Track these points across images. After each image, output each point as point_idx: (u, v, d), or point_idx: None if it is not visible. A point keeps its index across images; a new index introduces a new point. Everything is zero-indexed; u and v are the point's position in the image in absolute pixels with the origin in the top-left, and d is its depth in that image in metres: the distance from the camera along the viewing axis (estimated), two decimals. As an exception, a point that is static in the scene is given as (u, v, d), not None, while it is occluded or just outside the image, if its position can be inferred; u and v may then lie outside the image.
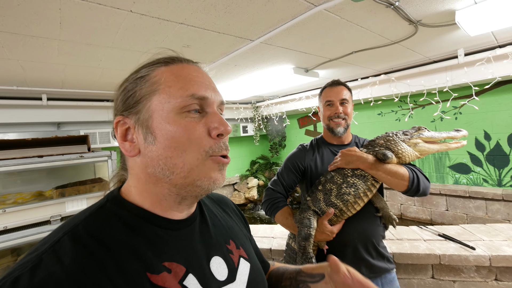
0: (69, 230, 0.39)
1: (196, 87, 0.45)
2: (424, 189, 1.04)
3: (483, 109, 2.79)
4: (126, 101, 0.46)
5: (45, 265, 0.34)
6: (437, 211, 3.12)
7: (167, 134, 0.43)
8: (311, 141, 1.32)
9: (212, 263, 0.47)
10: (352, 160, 1.07)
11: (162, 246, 0.43)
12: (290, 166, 1.25)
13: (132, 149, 0.45)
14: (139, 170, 0.46)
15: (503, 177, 2.79)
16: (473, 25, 1.55)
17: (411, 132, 1.11)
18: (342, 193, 1.06)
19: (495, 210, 2.69)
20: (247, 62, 2.24)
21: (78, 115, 3.25)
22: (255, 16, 1.39)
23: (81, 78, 2.37)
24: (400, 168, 1.03)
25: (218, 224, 0.56)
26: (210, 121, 0.45)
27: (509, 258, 1.38)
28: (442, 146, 1.08)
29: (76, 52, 1.69)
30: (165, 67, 0.47)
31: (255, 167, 5.32)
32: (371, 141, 1.15)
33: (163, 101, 0.44)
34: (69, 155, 2.69)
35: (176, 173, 0.43)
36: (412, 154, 1.06)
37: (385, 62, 2.62)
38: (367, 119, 3.83)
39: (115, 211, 0.44)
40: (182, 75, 0.46)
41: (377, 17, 1.50)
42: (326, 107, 1.23)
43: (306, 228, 1.07)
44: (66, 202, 2.70)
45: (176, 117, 0.43)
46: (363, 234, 1.12)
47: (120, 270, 0.37)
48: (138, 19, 1.31)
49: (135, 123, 0.45)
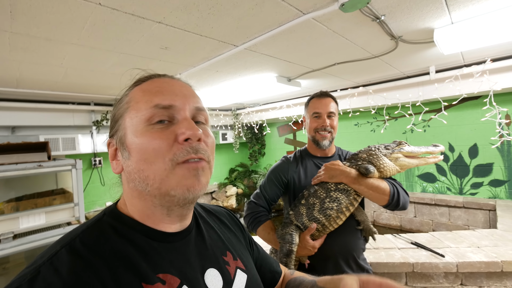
0: (66, 243, 0.40)
1: (161, 97, 0.46)
2: (404, 203, 1.07)
3: (449, 123, 2.99)
4: (111, 124, 0.50)
5: (43, 277, 0.35)
6: (406, 218, 3.26)
7: (136, 147, 0.44)
8: (294, 153, 1.30)
9: (206, 275, 0.48)
10: (336, 174, 1.07)
11: (156, 258, 0.43)
12: (273, 178, 1.23)
13: (117, 166, 0.48)
14: (126, 185, 0.48)
15: (464, 186, 2.99)
16: (448, 44, 1.64)
17: (392, 146, 1.13)
18: (325, 208, 1.06)
19: (457, 217, 2.87)
20: (230, 69, 2.16)
21: (37, 119, 2.91)
22: (240, 20, 1.32)
23: (41, 78, 2.10)
24: (381, 183, 1.05)
25: (214, 236, 0.57)
26: (178, 127, 0.45)
27: (474, 264, 1.46)
28: (421, 160, 1.10)
29: (33, 47, 1.47)
30: (137, 86, 0.49)
31: (234, 175, 5.19)
32: (354, 154, 1.16)
33: (132, 116, 0.46)
34: (25, 164, 2.37)
35: (150, 184, 0.43)
36: (393, 168, 1.08)
37: (364, 75, 2.70)
38: (345, 129, 3.93)
39: (111, 224, 0.45)
40: (148, 89, 0.47)
41: (362, 30, 1.51)
42: (313, 119, 1.21)
43: (288, 244, 1.06)
44: (20, 217, 2.35)
45: (143, 130, 0.44)
46: (345, 248, 1.12)
47: (116, 280, 0.38)
48: (108, 14, 1.17)
49: (116, 142, 0.48)
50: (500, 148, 2.76)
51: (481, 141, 2.86)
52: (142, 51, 1.65)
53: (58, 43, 1.44)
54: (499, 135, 2.47)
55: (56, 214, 2.56)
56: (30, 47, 1.46)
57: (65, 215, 2.61)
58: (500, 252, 1.54)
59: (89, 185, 3.45)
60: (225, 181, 5.17)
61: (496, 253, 1.53)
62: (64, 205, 2.58)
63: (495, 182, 2.80)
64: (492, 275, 1.50)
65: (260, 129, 5.07)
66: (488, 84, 2.32)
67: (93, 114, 3.32)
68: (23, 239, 2.30)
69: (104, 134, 3.47)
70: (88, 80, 2.28)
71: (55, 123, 3.03)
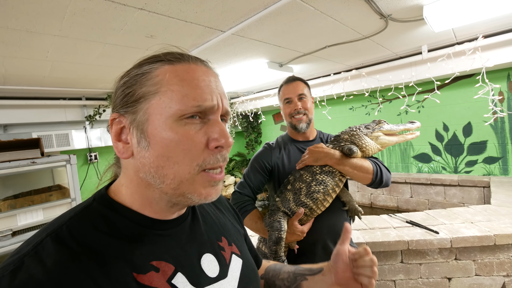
0: (52, 231, 0.38)
1: (202, 96, 0.41)
2: (386, 180, 1.09)
3: (442, 103, 2.99)
4: (124, 98, 0.43)
5: (26, 267, 0.33)
6: (403, 198, 3.31)
7: (162, 142, 0.40)
8: (276, 138, 1.29)
9: (203, 260, 0.47)
10: (320, 156, 1.07)
11: (150, 245, 0.42)
12: (256, 166, 1.20)
13: (125, 150, 0.43)
14: (132, 172, 0.44)
15: (459, 165, 3.04)
16: (438, 20, 1.62)
17: (372, 125, 1.14)
18: (312, 191, 1.06)
19: (452, 195, 2.93)
20: (219, 56, 2.12)
21: (28, 116, 2.87)
22: (225, 4, 1.29)
23: (27, 73, 2.06)
24: (364, 162, 1.07)
25: (210, 221, 0.56)
26: (211, 131, 0.42)
27: (467, 239, 1.51)
28: (400, 138, 1.14)
29: (14, 41, 1.44)
30: (169, 65, 0.42)
31: (231, 164, 5.22)
32: (336, 136, 1.16)
33: (163, 105, 0.40)
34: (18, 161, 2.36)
35: (166, 183, 0.41)
36: (374, 147, 1.10)
37: (356, 58, 2.67)
38: (340, 114, 3.93)
39: (101, 211, 0.42)
40: (186, 79, 0.41)
41: (350, 9, 1.48)
42: (285, 105, 1.21)
43: (277, 232, 1.05)
44: (18, 214, 2.37)
45: (174, 124, 0.40)
46: (333, 229, 1.13)
47: (105, 271, 0.36)
48: (87, 2, 1.13)
49: (130, 123, 0.42)
50: (493, 125, 2.78)
51: (474, 119, 2.88)
52: (128, 41, 1.61)
53: (39, 35, 1.40)
54: (492, 111, 2.48)
55: (53, 210, 2.59)
56: (11, 40, 1.42)
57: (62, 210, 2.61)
58: (493, 226, 1.59)
59: (86, 180, 3.46)
60: (223, 171, 5.21)
61: (489, 227, 1.57)
62: (61, 201, 2.61)
63: (489, 159, 2.84)
64: (485, 249, 1.54)
65: (256, 118, 5.06)
66: (480, 61, 2.31)
67: (85, 109, 3.29)
68: (22, 236, 2.33)
69: (98, 129, 3.45)
70: (76, 74, 2.24)
71: (47, 119, 3.01)
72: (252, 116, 4.90)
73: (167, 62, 0.43)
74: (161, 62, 0.43)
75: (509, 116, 2.68)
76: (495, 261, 1.55)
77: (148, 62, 0.43)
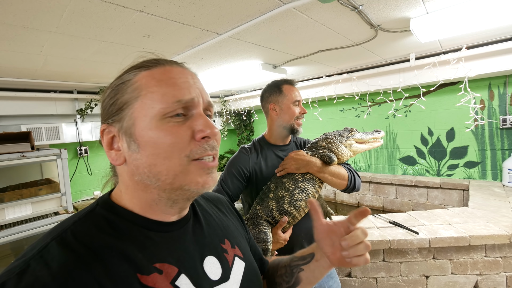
0: (57, 235, 0.39)
1: (181, 92, 0.43)
2: (358, 185, 1.14)
3: (427, 108, 3.11)
4: (109, 109, 0.45)
5: (32, 270, 0.34)
6: (388, 199, 3.41)
7: (150, 141, 0.42)
8: (252, 142, 1.26)
9: (205, 262, 0.47)
10: (303, 164, 1.08)
11: (153, 248, 0.43)
12: (234, 172, 1.14)
13: (118, 157, 0.45)
14: (127, 178, 0.45)
15: (441, 168, 3.16)
16: (424, 32, 1.70)
17: (346, 133, 1.19)
18: (295, 199, 1.06)
19: (434, 197, 3.04)
20: (215, 56, 2.15)
21: (18, 108, 2.82)
22: (222, 9, 1.33)
23: (20, 66, 2.04)
24: (341, 169, 1.11)
25: (213, 223, 0.56)
26: (195, 124, 0.44)
27: (444, 239, 1.58)
28: (368, 145, 1.21)
29: (9, 35, 1.43)
30: (146, 71, 0.45)
31: (223, 161, 5.25)
32: (313, 143, 1.18)
33: (146, 107, 0.42)
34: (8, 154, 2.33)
35: (162, 180, 0.42)
36: (348, 154, 1.15)
37: (348, 62, 2.75)
38: (331, 115, 4.02)
39: (104, 215, 0.43)
40: (163, 79, 0.44)
41: (342, 19, 1.55)
42: (294, 106, 1.20)
43: (264, 243, 1.02)
44: (6, 208, 2.35)
45: (159, 123, 0.42)
46: (309, 232, 1.12)
47: (109, 273, 0.37)
48: (87, 3, 1.15)
49: (119, 131, 0.44)
50: (474, 132, 2.92)
51: (457, 125, 3.00)
52: (124, 39, 1.63)
53: (36, 31, 1.40)
54: (473, 119, 2.61)
55: (42, 204, 2.56)
56: (6, 35, 1.42)
57: (52, 205, 2.61)
58: (468, 228, 1.66)
59: (76, 174, 3.43)
60: (215, 168, 5.23)
61: (465, 229, 1.64)
62: (50, 195, 2.58)
63: (469, 163, 2.97)
64: (461, 249, 1.62)
65: (248, 116, 5.10)
66: (463, 71, 2.43)
67: (76, 103, 3.24)
68: (10, 229, 2.30)
69: (89, 123, 3.42)
70: (70, 68, 2.22)
71: (37, 112, 2.95)
72: (245, 114, 4.94)
73: (144, 68, 0.45)
74: (138, 69, 0.45)
75: (489, 123, 2.83)
76: (469, 260, 1.63)
77: (127, 71, 0.46)
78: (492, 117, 2.79)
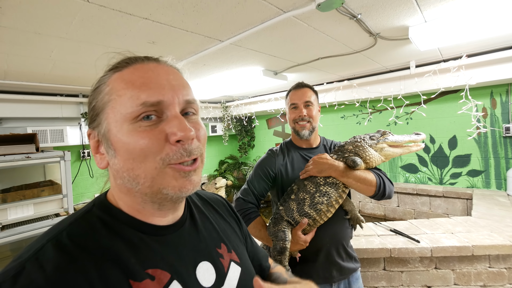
0: (53, 237, 0.39)
1: (147, 92, 0.41)
2: (389, 192, 1.08)
3: (429, 116, 3.11)
4: (90, 113, 0.46)
5: (27, 273, 0.34)
6: (390, 207, 3.37)
7: (123, 146, 0.41)
8: (280, 145, 1.30)
9: (198, 268, 0.47)
10: (324, 168, 1.06)
11: (146, 252, 0.42)
12: (260, 173, 1.19)
13: (101, 161, 0.45)
14: (113, 180, 0.46)
15: (444, 176, 3.14)
16: (423, 41, 1.73)
17: (377, 136, 1.12)
18: (315, 203, 1.05)
19: (437, 205, 3.00)
20: (217, 62, 2.20)
21: (24, 110, 2.89)
22: (224, 17, 1.37)
23: (29, 70, 2.10)
24: (368, 174, 1.05)
25: (209, 226, 0.55)
26: (168, 126, 0.42)
27: (447, 248, 1.55)
28: (405, 149, 1.11)
29: (21, 41, 1.49)
30: (116, 73, 0.44)
31: (223, 167, 5.26)
32: (340, 146, 1.14)
33: (115, 112, 0.42)
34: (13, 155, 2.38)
35: (141, 183, 0.42)
36: (378, 159, 1.09)
37: (348, 69, 2.79)
38: (331, 122, 4.04)
39: (100, 216, 0.43)
40: (131, 81, 0.42)
41: (341, 27, 1.58)
42: (291, 110, 1.22)
43: (282, 242, 1.04)
44: (9, 208, 2.38)
45: (130, 127, 0.41)
46: (335, 238, 1.13)
47: (103, 277, 0.37)
48: (96, 10, 1.21)
49: (99, 135, 0.45)
50: (477, 140, 2.90)
51: (460, 133, 2.99)
52: (130, 45, 1.68)
53: (46, 37, 1.46)
54: (476, 127, 2.61)
55: (44, 205, 2.59)
56: (18, 40, 1.48)
57: (53, 206, 2.65)
58: (471, 237, 1.62)
59: (78, 177, 3.47)
60: (215, 173, 5.24)
61: (468, 238, 1.61)
62: (52, 197, 2.61)
63: (472, 172, 2.94)
64: (464, 259, 1.58)
65: (249, 122, 5.14)
66: (464, 79, 2.44)
67: (81, 106, 3.32)
68: (11, 230, 2.33)
69: (93, 127, 3.47)
70: (76, 73, 2.28)
71: (43, 115, 3.02)
72: (246, 120, 4.98)
73: (116, 70, 0.44)
74: (111, 72, 0.45)
75: (492, 132, 2.81)
76: (473, 271, 1.58)
77: (102, 76, 0.45)
78: (495, 125, 2.79)
